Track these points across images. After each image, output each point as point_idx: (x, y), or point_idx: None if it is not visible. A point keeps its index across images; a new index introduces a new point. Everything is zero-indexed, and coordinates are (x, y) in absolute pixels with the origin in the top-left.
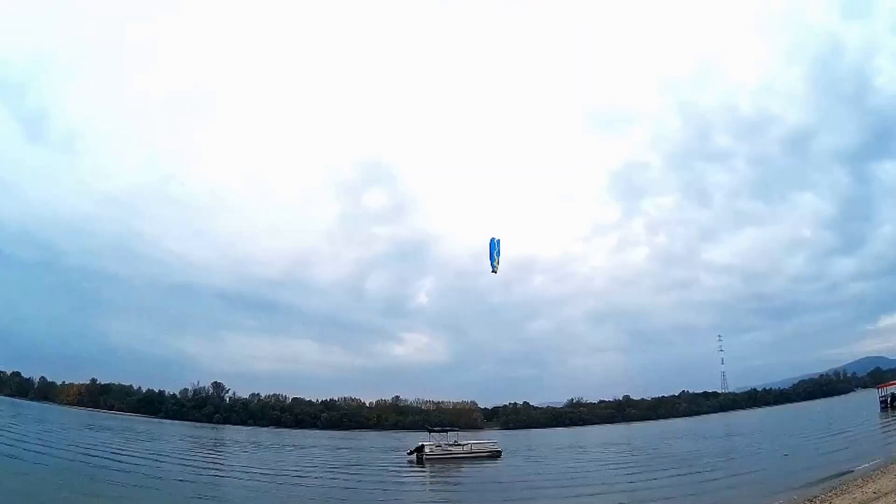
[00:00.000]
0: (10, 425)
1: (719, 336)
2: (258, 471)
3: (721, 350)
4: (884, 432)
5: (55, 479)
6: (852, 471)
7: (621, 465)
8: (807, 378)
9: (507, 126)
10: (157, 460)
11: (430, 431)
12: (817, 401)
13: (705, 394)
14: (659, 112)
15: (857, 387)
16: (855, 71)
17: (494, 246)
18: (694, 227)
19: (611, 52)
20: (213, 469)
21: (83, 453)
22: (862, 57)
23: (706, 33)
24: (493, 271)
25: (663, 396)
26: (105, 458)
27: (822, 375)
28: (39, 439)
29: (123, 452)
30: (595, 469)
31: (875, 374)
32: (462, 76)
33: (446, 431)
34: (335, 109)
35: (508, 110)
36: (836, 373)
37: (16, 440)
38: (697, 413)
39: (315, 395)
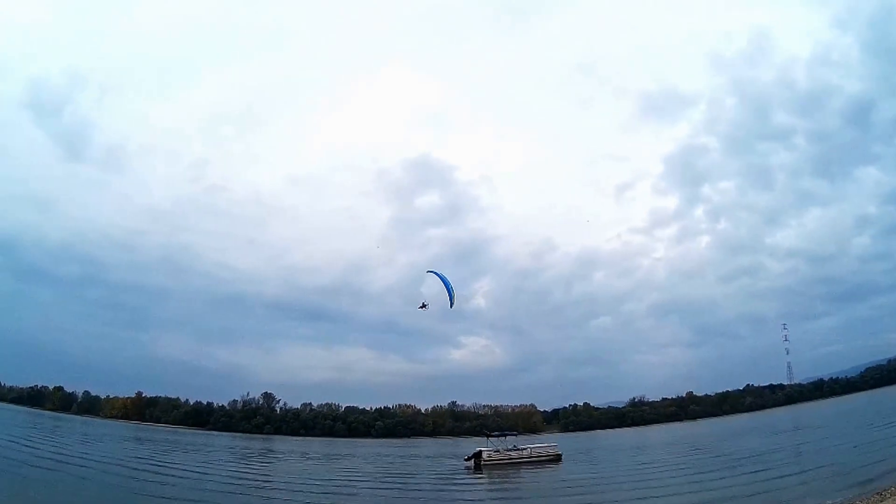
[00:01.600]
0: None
1: (784, 325)
2: (307, 482)
3: (786, 340)
4: None
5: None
6: None
7: (684, 467)
8: (874, 364)
9: (558, 118)
10: (201, 473)
11: (487, 436)
12: (887, 388)
13: (771, 387)
14: (713, 92)
15: None
16: None
17: (445, 280)
18: (757, 211)
19: (659, 34)
20: (260, 481)
21: (118, 466)
22: None
23: (754, 6)
24: (451, 306)
25: (728, 391)
26: (145, 470)
27: (889, 361)
28: (60, 451)
29: (166, 464)
30: (657, 471)
31: None
32: (511, 69)
33: (505, 436)
34: (383, 109)
35: (559, 102)
36: None
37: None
38: (763, 407)
39: (369, 403)
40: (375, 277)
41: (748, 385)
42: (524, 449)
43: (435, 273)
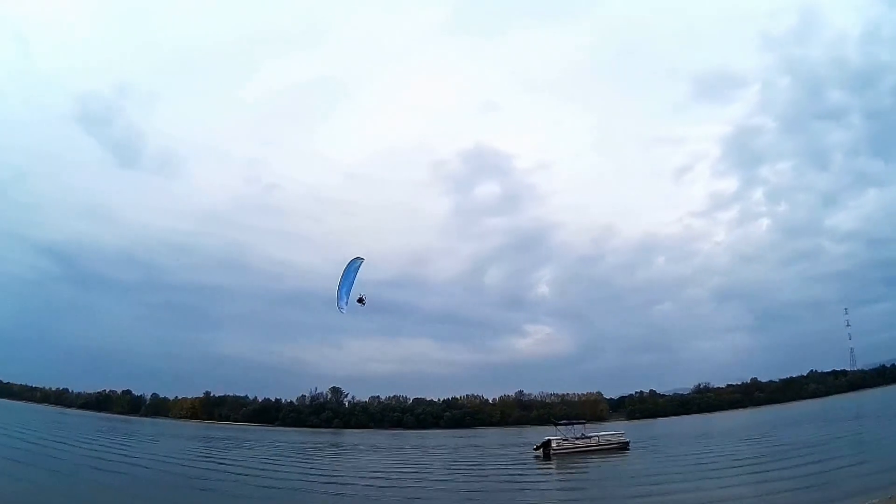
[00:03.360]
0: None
1: (845, 309)
2: (379, 473)
3: (848, 325)
4: None
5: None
6: None
7: (748, 456)
8: None
9: (612, 102)
10: (269, 468)
11: (555, 425)
12: None
13: (833, 372)
14: (766, 72)
15: None
16: None
17: (348, 272)
18: (815, 192)
19: (707, 13)
20: (331, 474)
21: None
22: None
23: None
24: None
25: (791, 377)
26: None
27: None
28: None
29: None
30: (722, 461)
31: None
32: (561, 53)
33: (572, 424)
34: (437, 100)
35: (611, 86)
36: None
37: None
38: (826, 394)
39: (437, 394)
40: (437, 269)
41: (811, 371)
42: (592, 437)
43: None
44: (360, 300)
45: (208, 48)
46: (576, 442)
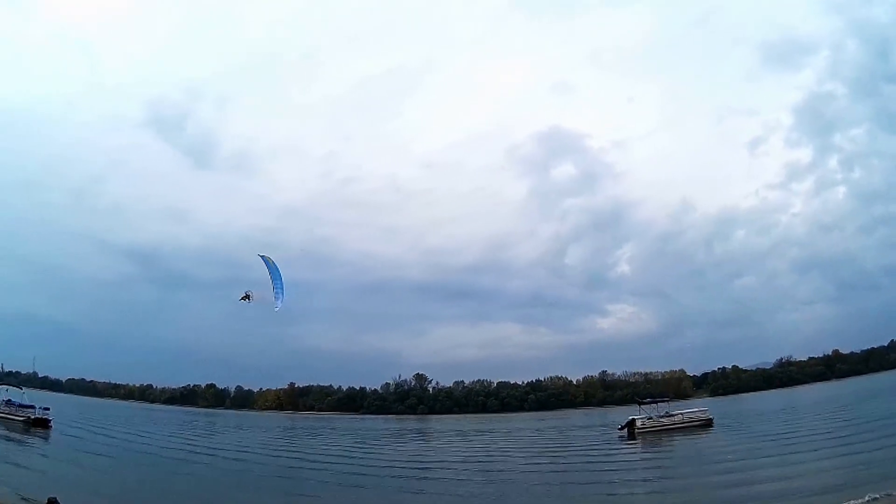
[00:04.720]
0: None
1: None
2: (465, 457)
3: None
4: None
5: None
6: None
7: (833, 434)
8: None
9: (682, 76)
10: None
11: (639, 404)
12: None
13: None
14: (833, 35)
15: None
16: None
17: (272, 271)
18: (889, 157)
19: None
20: (418, 459)
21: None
22: None
23: None
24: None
25: (873, 348)
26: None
27: None
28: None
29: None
30: (806, 439)
31: None
32: (628, 29)
33: (656, 403)
34: (508, 84)
35: (681, 59)
36: None
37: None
38: None
39: (521, 377)
40: (519, 252)
41: (892, 340)
42: (676, 415)
43: (264, 259)
44: (247, 297)
45: (277, 47)
46: (660, 420)
